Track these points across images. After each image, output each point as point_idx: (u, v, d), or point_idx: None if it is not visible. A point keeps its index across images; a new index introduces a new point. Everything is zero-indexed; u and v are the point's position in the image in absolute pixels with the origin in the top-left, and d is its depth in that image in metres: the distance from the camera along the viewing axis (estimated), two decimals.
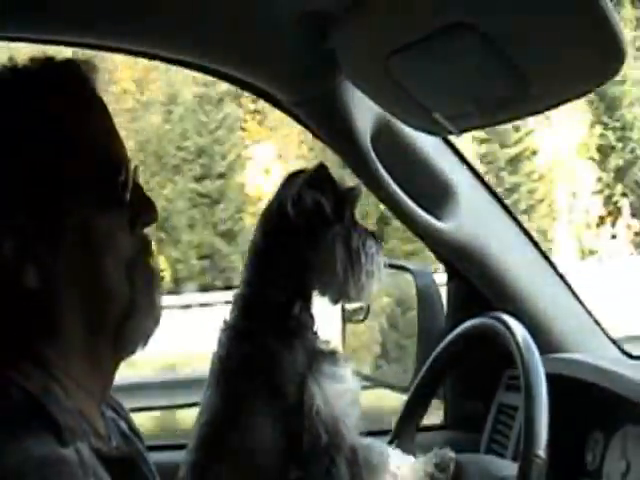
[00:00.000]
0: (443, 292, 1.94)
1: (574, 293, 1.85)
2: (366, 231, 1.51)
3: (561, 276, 1.84)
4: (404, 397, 1.65)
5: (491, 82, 1.13)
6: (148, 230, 1.05)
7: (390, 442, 1.55)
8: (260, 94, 1.64)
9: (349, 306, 1.99)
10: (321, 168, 1.48)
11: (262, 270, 1.48)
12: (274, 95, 1.57)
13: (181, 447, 1.79)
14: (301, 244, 1.46)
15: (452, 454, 1.45)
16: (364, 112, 1.56)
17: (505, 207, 1.80)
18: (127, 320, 1.00)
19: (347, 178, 1.54)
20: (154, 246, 1.06)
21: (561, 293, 1.85)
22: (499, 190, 2.53)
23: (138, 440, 1.18)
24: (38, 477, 0.84)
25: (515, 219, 1.81)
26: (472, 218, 1.77)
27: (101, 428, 1.02)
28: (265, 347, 1.43)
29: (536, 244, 1.83)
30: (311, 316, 1.49)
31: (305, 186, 1.44)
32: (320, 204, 1.44)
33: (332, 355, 1.46)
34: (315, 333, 1.48)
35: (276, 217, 1.48)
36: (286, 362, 1.42)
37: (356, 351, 2.04)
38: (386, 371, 2.02)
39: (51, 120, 0.97)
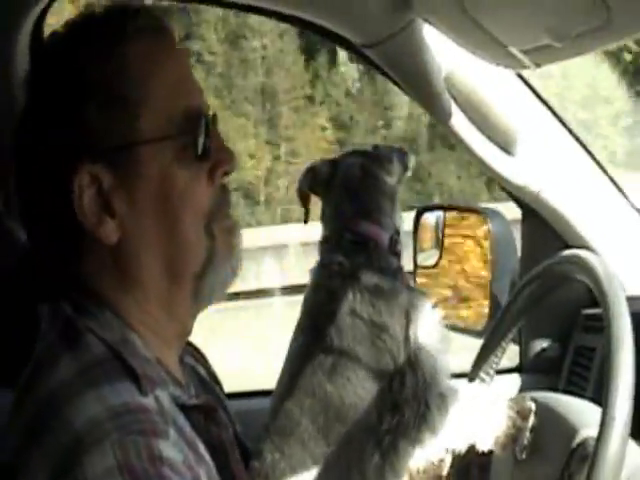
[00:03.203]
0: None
1: None
2: None
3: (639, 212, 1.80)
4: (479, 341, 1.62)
5: (570, 11, 1.09)
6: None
7: None
8: (330, 37, 1.63)
9: (421, 252, 1.99)
10: None
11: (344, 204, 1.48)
12: (345, 37, 1.55)
13: (260, 394, 1.81)
14: None
15: (532, 405, 1.38)
16: (437, 51, 1.53)
17: (581, 143, 1.76)
18: (206, 271, 1.00)
19: None
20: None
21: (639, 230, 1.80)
22: None
23: (217, 387, 1.20)
24: (116, 424, 0.84)
25: (591, 154, 1.77)
26: (546, 155, 1.73)
27: (180, 376, 1.03)
28: (367, 287, 1.39)
29: (613, 180, 1.78)
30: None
31: None
32: None
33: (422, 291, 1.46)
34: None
35: None
36: (393, 299, 1.39)
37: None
38: (460, 316, 2.02)
39: (127, 69, 0.96)
